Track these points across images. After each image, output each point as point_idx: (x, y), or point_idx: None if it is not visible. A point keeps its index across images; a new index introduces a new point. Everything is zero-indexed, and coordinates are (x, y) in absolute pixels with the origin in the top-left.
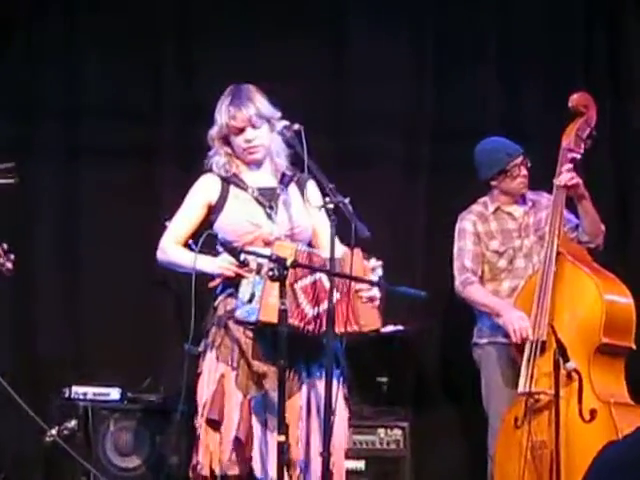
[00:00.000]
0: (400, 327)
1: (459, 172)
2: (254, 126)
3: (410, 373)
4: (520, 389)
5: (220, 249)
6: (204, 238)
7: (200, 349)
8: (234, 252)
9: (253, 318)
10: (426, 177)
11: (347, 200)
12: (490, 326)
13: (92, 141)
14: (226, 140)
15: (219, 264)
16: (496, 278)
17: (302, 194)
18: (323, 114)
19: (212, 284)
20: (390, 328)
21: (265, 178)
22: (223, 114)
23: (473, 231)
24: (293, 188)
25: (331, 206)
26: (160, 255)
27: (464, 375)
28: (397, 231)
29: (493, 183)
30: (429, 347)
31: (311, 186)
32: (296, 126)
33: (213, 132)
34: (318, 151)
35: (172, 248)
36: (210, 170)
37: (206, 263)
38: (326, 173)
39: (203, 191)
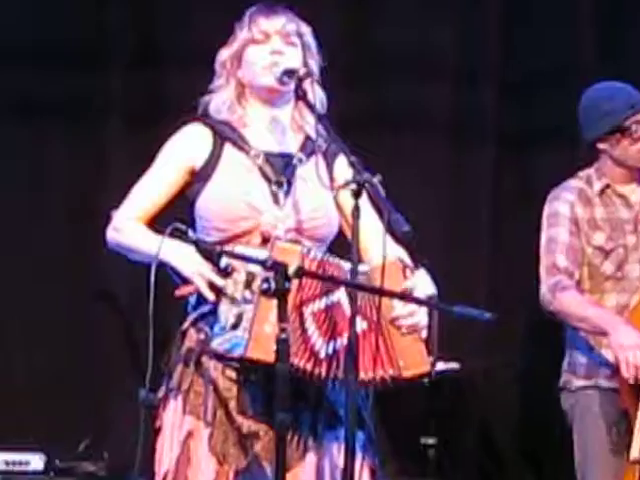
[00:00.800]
0: (454, 365)
1: (544, 137)
2: (287, 38)
3: (468, 432)
4: (634, 454)
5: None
6: (169, 233)
7: (160, 396)
8: (212, 254)
9: (238, 352)
10: (493, 146)
11: (377, 179)
12: (589, 359)
13: (10, 94)
14: (240, 63)
15: (198, 268)
16: (598, 289)
17: (329, 171)
18: (341, 55)
19: (180, 292)
20: (440, 367)
21: (278, 138)
22: (244, 23)
23: (570, 216)
24: (317, 162)
25: (354, 187)
26: (111, 234)
27: (547, 434)
28: (450, 223)
29: (602, 146)
30: (496, 394)
31: (341, 163)
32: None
33: (224, 52)
34: (335, 107)
35: (130, 225)
36: (201, 118)
37: (177, 254)
38: (346, 139)
39: (185, 147)
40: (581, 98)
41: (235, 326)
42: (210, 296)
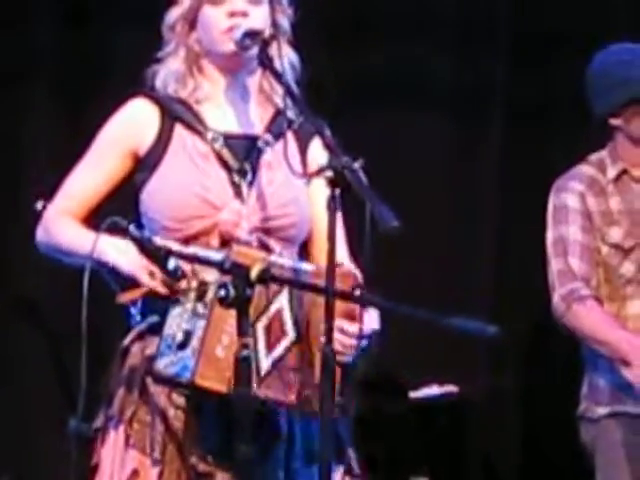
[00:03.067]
0: (451, 389)
1: (560, 114)
2: None
3: (469, 469)
4: None
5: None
6: (106, 227)
7: (97, 426)
8: (158, 254)
9: (185, 377)
10: (501, 123)
11: (357, 164)
12: (612, 382)
13: None
14: (193, 25)
15: (142, 264)
16: (618, 295)
17: (302, 157)
18: (320, 10)
19: (123, 298)
20: (434, 391)
21: (240, 116)
22: None
23: (580, 209)
24: (285, 144)
25: (330, 174)
26: (40, 235)
27: (564, 468)
28: (449, 218)
29: (615, 122)
30: (502, 422)
31: (316, 146)
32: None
33: (174, 12)
34: (317, 74)
35: (60, 222)
36: (147, 92)
37: (117, 251)
38: (323, 113)
39: (128, 126)
40: (592, 63)
41: (183, 345)
42: (164, 290)
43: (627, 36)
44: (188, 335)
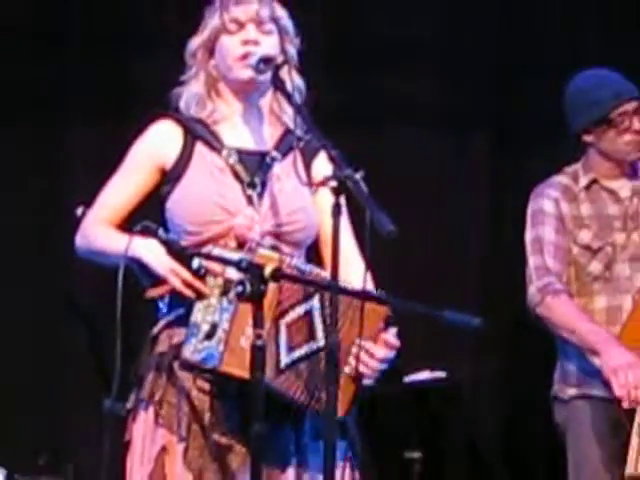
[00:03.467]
0: (440, 374)
1: (538, 130)
2: (261, 26)
3: (457, 445)
4: (629, 470)
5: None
6: (139, 230)
7: (129, 406)
8: (184, 255)
9: (211, 364)
10: (486, 137)
11: (359, 175)
12: (580, 368)
13: None
14: (212, 52)
15: (171, 266)
16: (586, 290)
17: (306, 171)
18: (321, 40)
19: (152, 293)
20: (425, 375)
21: (253, 134)
22: (215, 9)
23: (555, 213)
24: (294, 159)
25: (334, 184)
26: (79, 241)
27: (539, 447)
28: (439, 222)
29: (588, 139)
30: (485, 405)
31: (322, 161)
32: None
33: (195, 41)
34: (314, 96)
35: (97, 229)
36: (171, 114)
37: (150, 251)
38: (327, 131)
39: (156, 144)
40: (569, 85)
41: (209, 336)
42: (189, 293)
43: (595, 60)
44: (214, 327)
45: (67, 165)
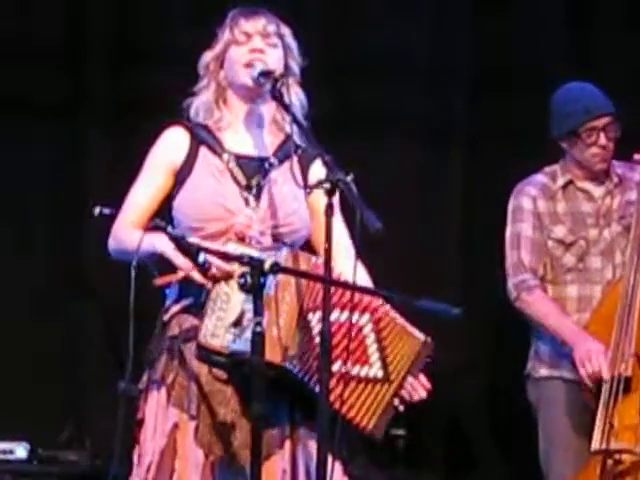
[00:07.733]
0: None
1: (516, 138)
2: (267, 38)
3: (438, 423)
4: (594, 445)
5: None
6: (150, 228)
7: (141, 387)
8: (190, 250)
9: (242, 350)
10: (463, 144)
11: (349, 178)
12: (552, 351)
13: None
14: (222, 64)
15: (182, 258)
16: (559, 280)
17: (303, 176)
18: (317, 56)
19: (160, 281)
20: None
21: (254, 141)
22: (226, 25)
23: (532, 210)
24: (291, 165)
25: (327, 186)
26: (110, 243)
27: (514, 424)
28: (422, 221)
29: (563, 145)
30: (464, 385)
31: (317, 167)
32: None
33: (208, 54)
34: (312, 108)
35: (122, 230)
36: (181, 121)
37: (159, 242)
38: (320, 139)
39: (167, 149)
40: (552, 96)
41: (236, 323)
42: (206, 282)
43: (566, 74)
44: (241, 315)
45: (86, 166)
